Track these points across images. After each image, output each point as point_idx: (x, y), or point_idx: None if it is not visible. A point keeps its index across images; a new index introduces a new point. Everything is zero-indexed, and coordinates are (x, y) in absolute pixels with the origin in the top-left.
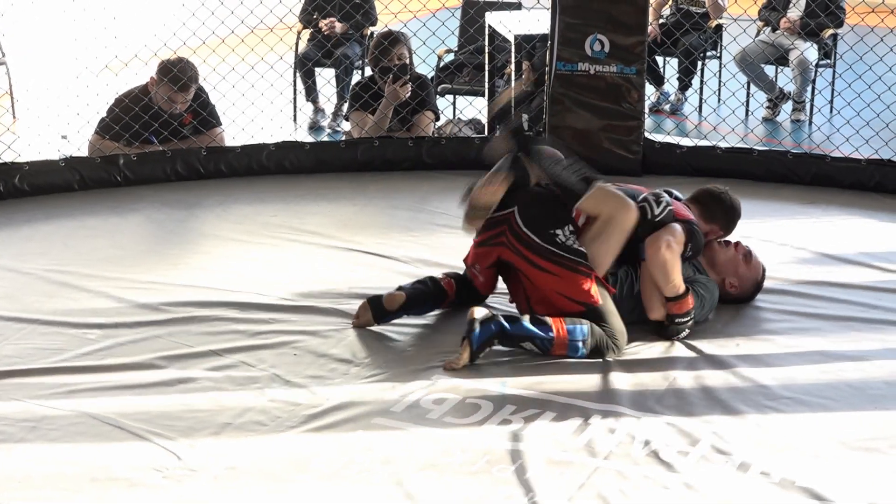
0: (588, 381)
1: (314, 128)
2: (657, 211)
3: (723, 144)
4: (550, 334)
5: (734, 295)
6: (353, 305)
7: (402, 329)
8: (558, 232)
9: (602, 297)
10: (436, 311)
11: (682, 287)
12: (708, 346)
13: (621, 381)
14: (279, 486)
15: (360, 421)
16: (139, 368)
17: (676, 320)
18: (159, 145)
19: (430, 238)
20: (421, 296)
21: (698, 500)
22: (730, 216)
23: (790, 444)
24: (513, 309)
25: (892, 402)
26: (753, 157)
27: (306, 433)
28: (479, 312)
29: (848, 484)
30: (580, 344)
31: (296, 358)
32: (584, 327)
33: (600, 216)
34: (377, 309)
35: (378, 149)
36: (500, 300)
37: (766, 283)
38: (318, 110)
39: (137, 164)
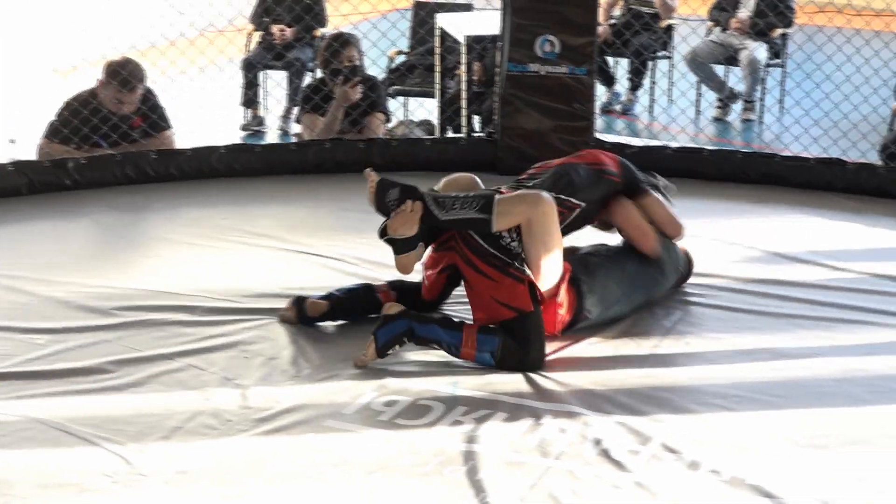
0: (540, 382)
1: (247, 131)
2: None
3: (673, 144)
4: (458, 342)
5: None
6: None
7: (350, 331)
8: (504, 234)
9: (534, 306)
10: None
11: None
12: (658, 344)
13: (573, 380)
14: (231, 490)
15: (312, 423)
16: (88, 373)
17: None
18: (109, 149)
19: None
20: (347, 304)
21: (649, 499)
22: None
23: (740, 442)
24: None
25: (840, 399)
26: (703, 157)
27: (257, 436)
28: (392, 308)
29: (797, 481)
30: (488, 355)
31: (246, 361)
32: (495, 340)
33: (522, 224)
34: (300, 312)
35: (329, 151)
36: (455, 308)
37: (717, 282)
38: (255, 116)
39: (87, 168)
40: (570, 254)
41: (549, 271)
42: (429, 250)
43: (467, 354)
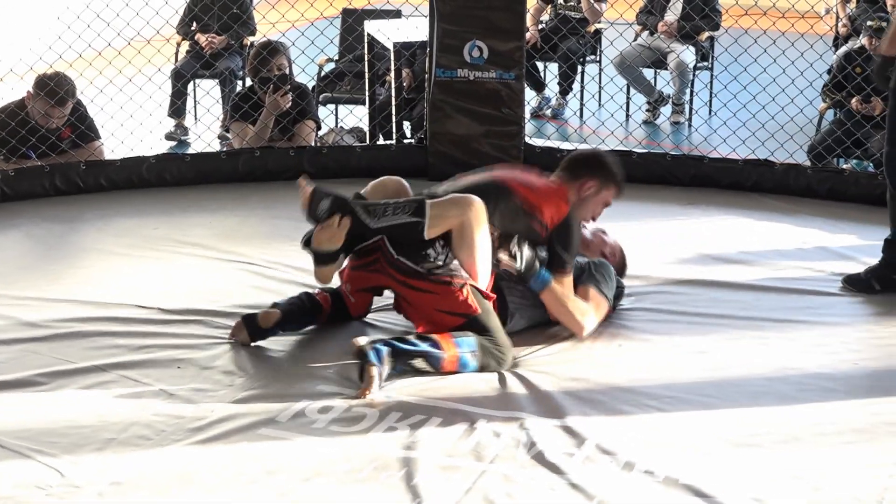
0: (473, 386)
1: (172, 140)
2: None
3: (603, 148)
4: (440, 352)
5: (615, 264)
6: (237, 318)
7: (284, 340)
8: (430, 252)
9: (481, 306)
10: (312, 326)
11: (585, 310)
12: (591, 347)
13: (507, 384)
14: (165, 500)
15: (246, 432)
16: (20, 385)
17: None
18: (37, 160)
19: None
20: (297, 312)
21: (584, 501)
22: (594, 164)
23: (673, 442)
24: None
25: (772, 398)
26: (633, 160)
27: (191, 446)
28: (362, 340)
29: (731, 480)
30: (469, 358)
31: (179, 371)
32: (470, 340)
33: (453, 228)
34: (252, 327)
35: (259, 159)
36: (382, 315)
37: (647, 284)
38: (179, 126)
39: (15, 180)
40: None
41: (482, 272)
42: (347, 263)
43: (450, 361)
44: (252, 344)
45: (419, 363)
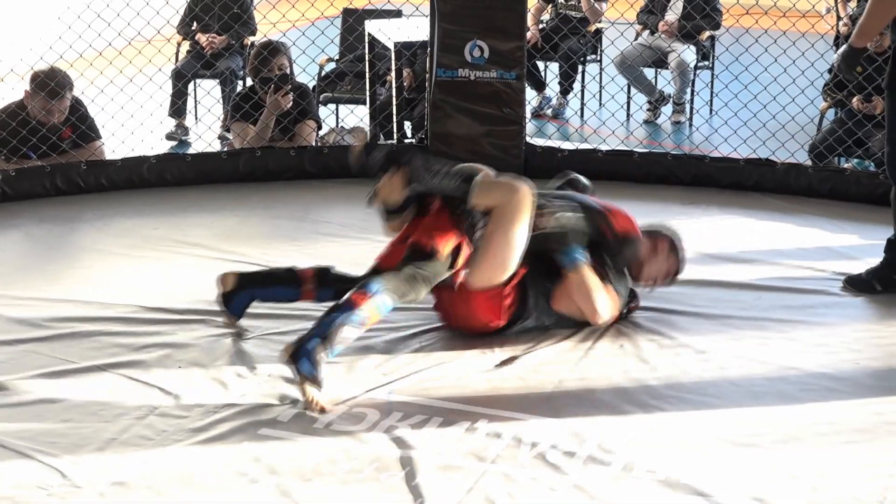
0: (474, 386)
1: (173, 140)
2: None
3: (604, 147)
4: (356, 309)
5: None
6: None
7: (287, 339)
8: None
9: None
10: (293, 300)
11: (606, 299)
12: (592, 347)
13: (507, 384)
14: (166, 500)
15: (247, 432)
16: (20, 385)
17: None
18: (38, 160)
19: (314, 247)
20: (262, 277)
21: (585, 501)
22: (670, 237)
23: (674, 442)
24: None
25: (772, 397)
26: (634, 159)
27: (192, 446)
28: (288, 349)
29: (731, 480)
30: (385, 297)
31: (180, 371)
32: (378, 280)
33: (495, 208)
34: (225, 300)
35: (260, 159)
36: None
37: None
38: (179, 126)
39: (16, 180)
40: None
41: (501, 260)
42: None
43: (370, 312)
44: (237, 322)
45: (347, 332)
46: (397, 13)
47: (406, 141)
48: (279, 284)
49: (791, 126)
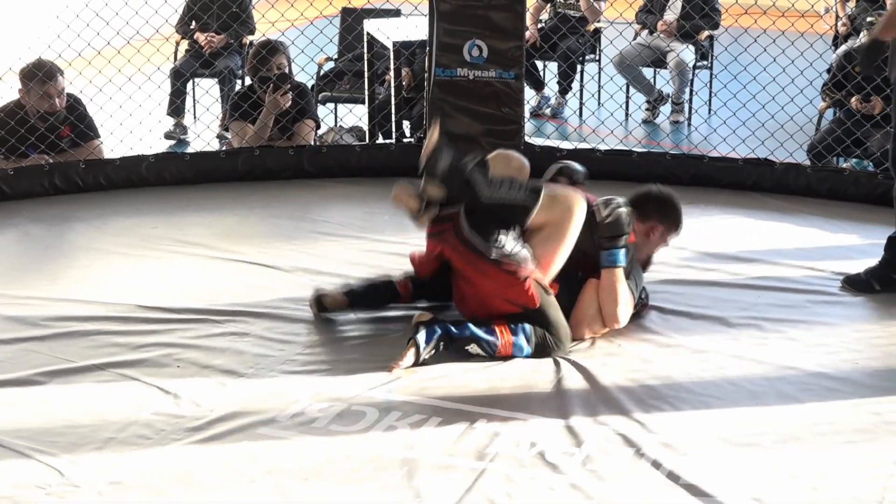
0: (473, 385)
1: (171, 139)
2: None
3: (602, 147)
4: (494, 337)
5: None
6: (236, 316)
7: (286, 338)
8: (501, 238)
9: (541, 298)
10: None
11: (627, 304)
12: (590, 346)
13: (507, 383)
14: (164, 500)
15: (245, 431)
16: (19, 384)
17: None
18: (37, 158)
19: (313, 246)
20: (369, 297)
21: (584, 500)
22: (666, 210)
23: (674, 441)
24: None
25: (771, 397)
26: (633, 159)
27: (190, 445)
28: (423, 316)
29: (731, 479)
30: (524, 343)
31: (179, 370)
32: (527, 326)
33: (549, 222)
34: (319, 306)
35: (258, 158)
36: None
37: (647, 284)
38: (178, 125)
39: (14, 179)
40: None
41: (553, 270)
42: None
43: (505, 346)
44: (258, 333)
45: (473, 348)
46: (396, 12)
47: (405, 140)
48: (380, 301)
49: (790, 126)
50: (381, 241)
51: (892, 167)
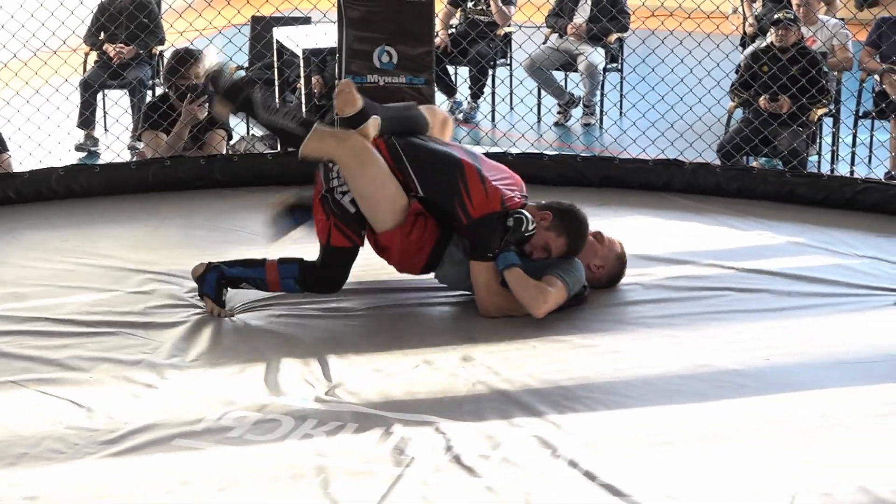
0: (389, 391)
1: (82, 151)
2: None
3: (514, 150)
4: (262, 275)
5: (603, 276)
6: (149, 328)
7: (200, 348)
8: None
9: (327, 241)
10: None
11: (546, 292)
12: (505, 349)
13: (423, 388)
14: None
15: (161, 443)
16: None
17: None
18: None
19: (226, 256)
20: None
21: (500, 503)
22: (565, 211)
23: (590, 442)
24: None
25: (686, 396)
26: (544, 162)
27: (105, 458)
28: (198, 269)
29: (646, 478)
30: (292, 282)
31: (92, 383)
32: (293, 266)
33: (333, 157)
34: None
35: (170, 168)
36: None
37: None
38: (89, 136)
39: None
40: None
41: (368, 209)
42: None
43: (272, 283)
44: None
45: (245, 286)
46: (305, 20)
47: None
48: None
49: (699, 126)
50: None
51: None
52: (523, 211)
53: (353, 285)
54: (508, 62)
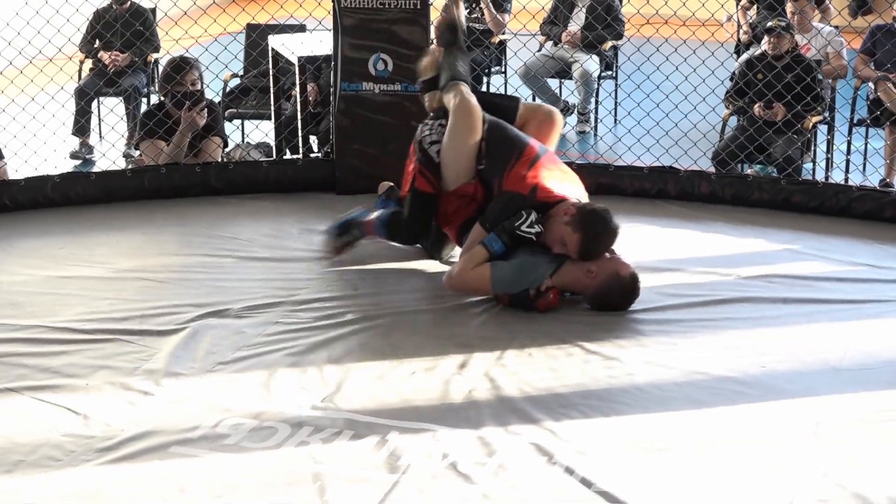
0: (385, 398)
1: (77, 159)
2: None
3: None
4: (366, 216)
5: (591, 286)
6: (145, 335)
7: (196, 355)
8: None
9: (412, 189)
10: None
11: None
12: (500, 357)
13: (419, 395)
14: None
15: (157, 451)
16: None
17: None
18: None
19: (221, 263)
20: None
21: None
22: (587, 210)
23: (585, 449)
24: None
25: (680, 402)
26: None
27: (101, 465)
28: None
29: (642, 485)
30: (381, 226)
31: (88, 390)
32: (386, 214)
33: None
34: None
35: (166, 176)
36: None
37: None
38: (84, 144)
39: None
40: None
41: (445, 165)
42: None
43: (369, 224)
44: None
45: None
46: (301, 28)
47: (312, 155)
48: None
49: (693, 133)
50: (288, 258)
51: None
52: (533, 212)
53: (349, 292)
54: (503, 70)
